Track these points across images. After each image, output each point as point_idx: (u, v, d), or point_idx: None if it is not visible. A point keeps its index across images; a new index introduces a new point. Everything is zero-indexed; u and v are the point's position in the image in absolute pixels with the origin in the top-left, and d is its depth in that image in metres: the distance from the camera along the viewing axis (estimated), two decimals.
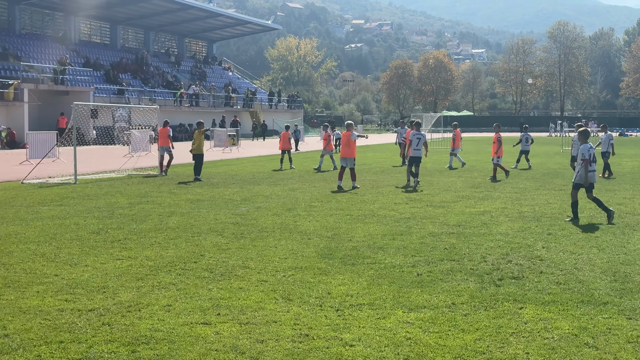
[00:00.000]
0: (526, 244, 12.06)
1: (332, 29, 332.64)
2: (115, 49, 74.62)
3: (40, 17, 67.63)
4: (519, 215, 15.67)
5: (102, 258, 11.01)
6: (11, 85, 49.15)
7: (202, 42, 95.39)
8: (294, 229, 13.70)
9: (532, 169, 29.82)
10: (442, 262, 10.63)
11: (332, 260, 10.83)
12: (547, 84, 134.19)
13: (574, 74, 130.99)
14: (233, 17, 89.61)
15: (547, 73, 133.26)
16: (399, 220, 14.85)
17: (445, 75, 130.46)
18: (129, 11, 72.68)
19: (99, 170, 28.83)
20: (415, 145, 22.39)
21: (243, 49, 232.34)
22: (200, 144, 25.36)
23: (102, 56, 69.32)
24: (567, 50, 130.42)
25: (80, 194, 20.21)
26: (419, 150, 22.40)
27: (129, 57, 73.11)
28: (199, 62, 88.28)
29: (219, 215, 15.70)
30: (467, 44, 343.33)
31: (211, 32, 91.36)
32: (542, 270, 10.10)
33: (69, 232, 13.37)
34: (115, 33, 76.63)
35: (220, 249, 11.70)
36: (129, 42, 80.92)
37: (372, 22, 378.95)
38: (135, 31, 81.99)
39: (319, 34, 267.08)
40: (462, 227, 13.89)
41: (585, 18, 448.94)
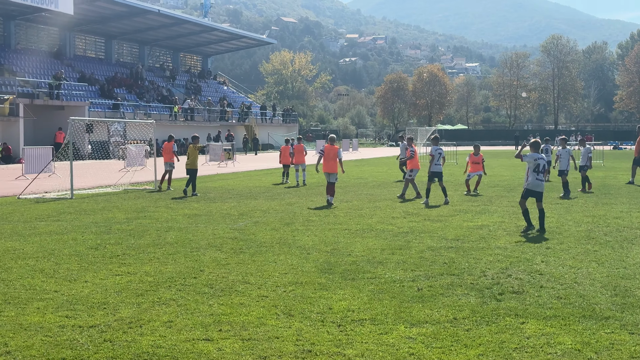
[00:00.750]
0: (525, 258, 12.07)
1: (327, 43, 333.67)
2: (110, 64, 74.73)
3: (36, 33, 67.70)
4: (517, 229, 15.67)
5: (101, 274, 10.98)
6: (6, 100, 49.13)
7: (196, 57, 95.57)
8: (292, 244, 13.69)
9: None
10: (442, 277, 10.63)
11: (332, 275, 10.83)
12: (541, 97, 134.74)
13: (567, 88, 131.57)
14: (228, 31, 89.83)
15: (541, 87, 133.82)
16: (398, 235, 14.85)
17: (439, 89, 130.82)
18: (124, 26, 72.83)
19: (95, 185, 28.78)
20: (436, 160, 22.03)
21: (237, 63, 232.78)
22: (194, 159, 25.26)
23: (97, 71, 69.41)
24: (560, 64, 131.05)
25: (77, 209, 20.18)
26: (440, 165, 22.08)
27: (123, 71, 73.21)
28: (194, 76, 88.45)
29: (217, 230, 15.69)
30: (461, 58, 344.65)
31: (206, 47, 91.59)
32: (542, 284, 10.11)
33: (67, 248, 13.34)
34: (110, 48, 76.78)
35: (219, 264, 11.68)
36: (123, 56, 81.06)
37: (366, 36, 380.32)
38: (130, 46, 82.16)
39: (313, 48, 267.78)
40: (461, 242, 13.90)
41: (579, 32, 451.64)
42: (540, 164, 15.45)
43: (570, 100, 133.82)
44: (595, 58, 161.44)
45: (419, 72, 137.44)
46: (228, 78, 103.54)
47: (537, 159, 15.48)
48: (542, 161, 15.48)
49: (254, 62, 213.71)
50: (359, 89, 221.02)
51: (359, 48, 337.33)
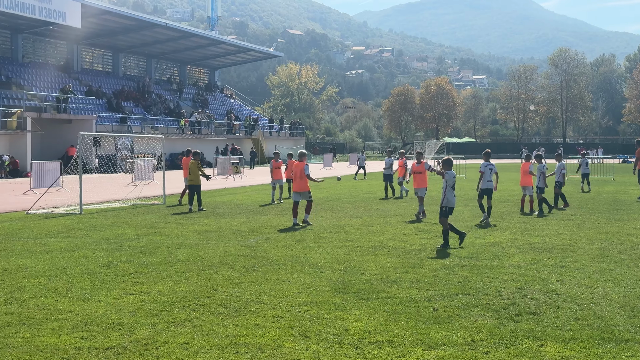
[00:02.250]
0: (540, 277, 12.03)
1: (333, 56, 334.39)
2: (117, 77, 74.98)
3: (44, 46, 68.00)
4: (530, 246, 15.64)
5: (114, 293, 10.99)
6: (14, 114, 49.33)
7: (203, 70, 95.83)
8: (305, 262, 13.68)
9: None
10: (458, 297, 10.60)
11: (346, 294, 10.81)
12: (548, 110, 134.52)
13: (575, 101, 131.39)
14: (235, 44, 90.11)
15: (548, 99, 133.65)
16: (410, 252, 14.83)
17: (447, 102, 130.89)
18: (131, 39, 73.12)
19: (103, 199, 28.85)
20: (487, 176, 21.12)
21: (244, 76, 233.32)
22: (197, 175, 25.24)
23: (105, 84, 69.64)
24: (568, 77, 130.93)
25: (86, 225, 20.21)
26: (491, 182, 21.18)
27: (131, 84, 73.44)
28: (201, 89, 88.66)
29: (229, 247, 15.69)
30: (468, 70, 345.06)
31: (213, 60, 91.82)
32: (559, 305, 10.07)
33: (79, 266, 13.35)
34: (117, 61, 77.06)
35: (232, 283, 11.68)
36: (130, 69, 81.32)
37: (373, 48, 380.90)
38: (137, 59, 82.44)
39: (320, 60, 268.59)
40: (474, 259, 13.87)
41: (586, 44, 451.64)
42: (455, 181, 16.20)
43: (579, 113, 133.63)
44: (603, 70, 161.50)
45: (426, 85, 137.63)
46: (235, 91, 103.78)
47: (455, 176, 16.17)
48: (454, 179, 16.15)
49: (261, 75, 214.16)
50: (365, 101, 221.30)
51: (366, 60, 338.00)
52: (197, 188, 25.13)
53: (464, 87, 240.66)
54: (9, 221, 21.30)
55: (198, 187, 25.16)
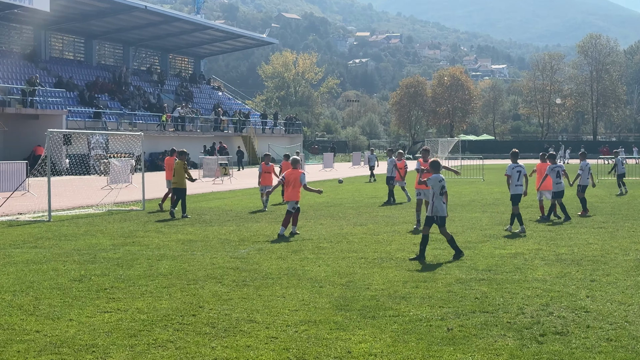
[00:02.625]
0: (568, 293, 12.06)
1: (334, 43, 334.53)
2: (91, 67, 75.04)
3: (7, 32, 68.04)
4: (556, 258, 15.67)
5: (87, 310, 11.00)
6: None
7: (188, 58, 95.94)
8: (302, 275, 13.71)
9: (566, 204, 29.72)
10: (475, 315, 10.62)
11: (349, 312, 10.83)
12: (577, 104, 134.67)
13: (607, 93, 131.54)
14: (223, 30, 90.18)
15: (577, 92, 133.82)
16: (421, 265, 14.85)
17: (462, 95, 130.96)
18: (106, 24, 73.08)
19: (75, 205, 28.87)
20: (516, 180, 20.98)
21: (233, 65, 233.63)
22: (182, 177, 25.29)
23: (76, 75, 69.68)
24: (599, 67, 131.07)
25: (56, 234, 20.23)
26: (521, 185, 21.06)
27: (106, 75, 73.50)
28: (185, 80, 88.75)
29: (216, 259, 15.71)
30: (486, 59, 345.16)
31: (198, 47, 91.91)
32: (589, 324, 10.09)
33: (48, 280, 13.37)
34: (90, 49, 77.10)
35: (221, 299, 11.70)
36: (106, 58, 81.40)
37: (379, 34, 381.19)
38: (113, 46, 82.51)
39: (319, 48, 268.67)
40: (493, 273, 13.89)
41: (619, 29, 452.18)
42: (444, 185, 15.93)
43: (611, 107, 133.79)
44: (638, 59, 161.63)
45: (439, 75, 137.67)
46: (223, 82, 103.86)
47: (441, 180, 15.86)
48: (444, 182, 15.92)
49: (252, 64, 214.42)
50: (370, 94, 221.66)
51: (371, 48, 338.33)
52: (183, 192, 25.20)
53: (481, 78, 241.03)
54: None
55: (183, 190, 25.23)
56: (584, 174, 26.31)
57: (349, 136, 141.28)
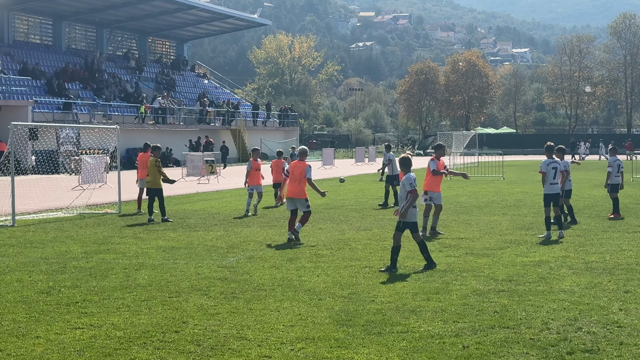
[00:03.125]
0: (598, 305, 12.08)
1: (334, 24, 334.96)
2: (60, 52, 75.09)
3: None
4: (586, 266, 15.69)
5: (56, 327, 11.01)
6: None
7: (169, 42, 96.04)
8: (299, 287, 13.73)
9: (597, 205, 29.81)
10: (493, 330, 10.64)
11: (351, 328, 10.85)
12: (609, 92, 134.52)
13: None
14: (209, 10, 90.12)
15: (609, 79, 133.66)
16: (433, 274, 14.89)
17: (479, 82, 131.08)
18: (77, 3, 73.11)
19: (42, 208, 28.89)
20: (551, 178, 20.67)
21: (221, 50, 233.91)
22: (156, 176, 25.22)
23: (43, 61, 69.74)
24: (634, 50, 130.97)
25: (21, 241, 20.25)
26: (557, 184, 20.89)
27: (77, 61, 73.55)
28: (166, 67, 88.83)
29: (201, 268, 15.73)
30: (507, 42, 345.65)
31: (181, 30, 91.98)
32: (622, 340, 10.11)
33: (12, 292, 13.39)
34: (59, 31, 77.13)
35: (207, 314, 11.72)
36: (76, 42, 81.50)
37: (385, 14, 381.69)
38: (85, 29, 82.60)
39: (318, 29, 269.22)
40: (514, 283, 13.91)
41: None
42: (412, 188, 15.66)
43: None
44: None
45: (452, 61, 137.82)
46: (209, 69, 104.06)
47: (412, 182, 15.71)
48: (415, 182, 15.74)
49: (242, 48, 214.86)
50: (375, 82, 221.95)
51: (376, 30, 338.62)
52: (158, 192, 25.17)
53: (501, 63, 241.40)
54: None
55: (159, 190, 25.20)
56: (613, 171, 26.03)
57: (351, 129, 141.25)
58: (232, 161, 75.14)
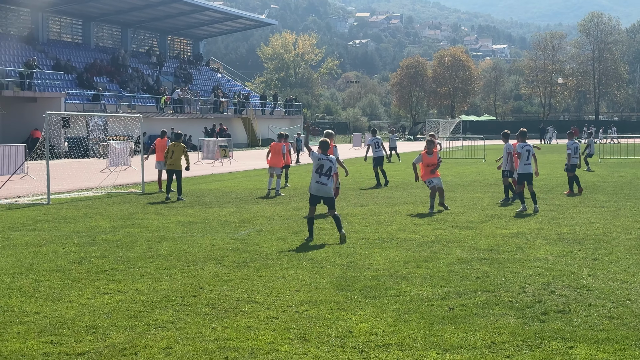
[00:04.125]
0: (570, 272, 12.06)
1: (334, 23, 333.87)
2: (89, 49, 74.88)
3: (4, 15, 67.88)
4: (558, 237, 15.67)
5: (87, 292, 11.01)
6: None
7: (186, 40, 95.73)
8: (303, 256, 13.71)
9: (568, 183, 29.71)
10: (476, 294, 10.63)
11: (350, 292, 10.84)
12: (579, 83, 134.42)
13: (609, 72, 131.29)
14: (222, 11, 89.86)
15: (579, 71, 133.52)
16: (422, 245, 14.86)
17: (463, 75, 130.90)
18: (104, 6, 72.90)
19: (73, 188, 28.88)
20: (525, 159, 20.94)
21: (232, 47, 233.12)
22: (179, 159, 25.07)
23: (74, 57, 69.56)
24: (601, 46, 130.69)
25: (55, 217, 20.24)
26: (530, 164, 21.03)
27: (104, 57, 73.37)
28: (184, 62, 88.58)
29: (216, 240, 15.72)
30: (487, 39, 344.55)
31: (197, 29, 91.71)
32: (591, 302, 10.10)
33: (47, 262, 13.38)
34: (88, 31, 76.90)
35: (221, 281, 11.71)
36: (104, 40, 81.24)
37: (379, 14, 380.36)
38: (111, 28, 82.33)
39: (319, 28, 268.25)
40: (495, 252, 13.90)
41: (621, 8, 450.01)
42: (324, 165, 15.76)
43: (613, 87, 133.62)
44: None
45: (439, 56, 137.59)
46: (222, 64, 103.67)
47: (320, 159, 15.82)
48: (326, 162, 15.79)
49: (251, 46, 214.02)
50: (370, 75, 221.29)
51: (371, 28, 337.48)
52: (178, 173, 25.05)
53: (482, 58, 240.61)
54: None
55: (179, 172, 25.09)
56: (572, 152, 26.22)
57: (349, 117, 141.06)
58: (242, 146, 75.08)
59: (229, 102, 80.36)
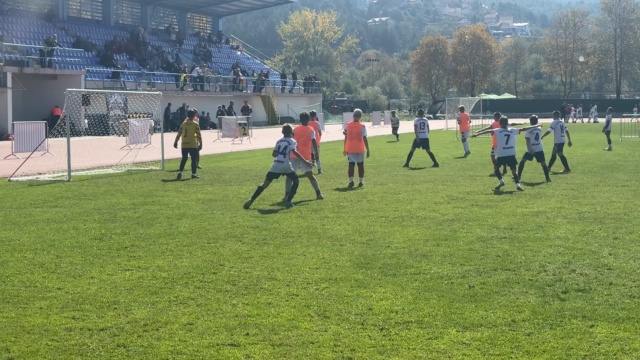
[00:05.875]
0: (590, 250, 12.03)
1: (353, 1, 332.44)
2: (109, 26, 74.88)
3: None
4: (579, 216, 15.62)
5: (108, 268, 11.09)
6: None
7: (206, 18, 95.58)
8: (322, 234, 13.74)
9: (589, 162, 29.62)
10: (496, 272, 10.62)
11: (369, 270, 10.86)
12: (600, 62, 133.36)
13: (632, 51, 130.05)
14: None
15: (600, 50, 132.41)
16: (442, 223, 14.85)
17: (483, 53, 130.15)
18: None
19: (94, 165, 29.01)
20: (503, 143, 21.17)
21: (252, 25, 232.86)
22: (194, 137, 25.09)
23: (94, 34, 69.60)
24: (623, 24, 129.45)
25: (76, 194, 20.35)
26: (510, 147, 21.18)
27: (124, 35, 73.32)
28: (203, 40, 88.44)
29: (236, 218, 15.76)
30: (508, 17, 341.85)
31: (216, 6, 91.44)
32: (612, 281, 10.08)
33: (69, 239, 13.47)
34: (108, 8, 76.87)
35: (241, 258, 11.75)
36: (123, 18, 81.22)
37: None
38: (131, 5, 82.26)
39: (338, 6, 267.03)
40: (515, 231, 13.88)
41: None
42: (281, 145, 18.05)
43: (635, 65, 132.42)
44: None
45: (459, 34, 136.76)
46: (242, 42, 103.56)
47: (280, 140, 18.27)
48: (283, 143, 18.07)
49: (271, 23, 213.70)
50: (390, 53, 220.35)
51: (390, 6, 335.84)
52: (194, 151, 25.08)
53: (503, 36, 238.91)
54: None
55: (195, 150, 25.11)
56: (557, 132, 26.06)
57: (368, 96, 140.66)
58: (262, 124, 75.08)
59: (248, 80, 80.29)
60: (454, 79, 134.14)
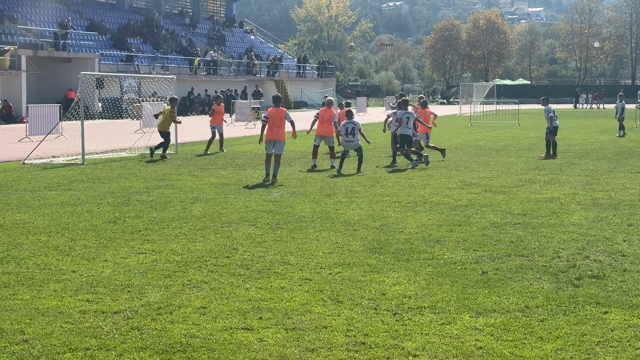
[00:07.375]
0: (604, 237, 12.00)
1: None
2: (123, 10, 74.85)
3: None
4: (593, 202, 15.57)
5: (122, 252, 11.13)
6: (7, 51, 49.53)
7: (219, 2, 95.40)
8: (336, 219, 13.74)
9: (604, 148, 29.51)
10: (510, 258, 10.61)
11: (383, 255, 10.86)
12: (616, 47, 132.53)
13: None
14: None
15: (616, 35, 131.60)
16: (455, 209, 14.83)
17: (498, 39, 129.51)
18: None
19: (108, 148, 29.06)
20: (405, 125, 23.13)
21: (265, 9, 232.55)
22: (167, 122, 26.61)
23: (108, 18, 69.57)
24: (639, 9, 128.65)
25: (90, 177, 20.41)
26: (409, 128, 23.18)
27: (137, 18, 73.32)
28: (217, 24, 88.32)
29: (249, 202, 15.78)
30: (523, 2, 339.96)
31: None
32: (626, 267, 10.06)
33: (83, 222, 13.52)
34: None
35: (254, 242, 11.77)
36: (137, 1, 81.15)
37: None
38: None
39: None
40: (529, 217, 13.85)
41: None
42: (348, 127, 21.63)
43: None
44: None
45: (474, 19, 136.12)
46: (255, 26, 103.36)
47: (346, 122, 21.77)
48: (350, 125, 21.64)
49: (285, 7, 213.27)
50: (404, 38, 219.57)
51: None
52: (166, 135, 26.52)
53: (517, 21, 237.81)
54: (4, 172, 21.56)
55: (167, 134, 26.57)
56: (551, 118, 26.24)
57: (382, 81, 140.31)
58: None
59: (261, 64, 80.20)
60: (468, 64, 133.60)
